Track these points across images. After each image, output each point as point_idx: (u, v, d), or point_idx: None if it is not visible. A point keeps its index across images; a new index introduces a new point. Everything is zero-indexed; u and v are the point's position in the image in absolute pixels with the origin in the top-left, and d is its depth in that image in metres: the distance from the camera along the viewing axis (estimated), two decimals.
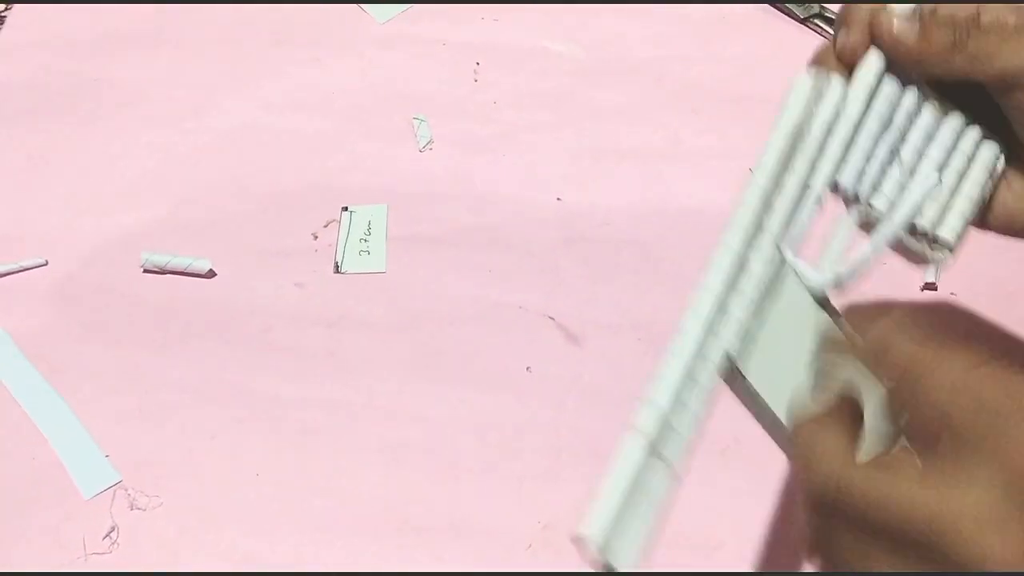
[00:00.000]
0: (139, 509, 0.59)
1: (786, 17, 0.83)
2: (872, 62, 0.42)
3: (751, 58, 0.81)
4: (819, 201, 0.42)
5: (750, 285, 0.40)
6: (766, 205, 0.41)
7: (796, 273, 0.41)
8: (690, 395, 0.38)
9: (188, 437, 0.62)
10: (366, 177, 0.74)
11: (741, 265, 0.40)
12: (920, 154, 0.44)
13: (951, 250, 0.44)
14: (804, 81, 0.42)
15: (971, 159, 0.44)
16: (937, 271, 0.67)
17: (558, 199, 0.73)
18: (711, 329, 0.38)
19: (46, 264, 0.69)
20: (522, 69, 0.80)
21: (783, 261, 0.41)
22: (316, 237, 0.71)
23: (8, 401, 0.63)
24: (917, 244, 0.44)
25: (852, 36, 0.43)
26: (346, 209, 0.72)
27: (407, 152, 0.75)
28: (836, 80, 0.42)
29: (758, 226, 0.40)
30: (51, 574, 0.57)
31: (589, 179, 0.74)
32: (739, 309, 0.39)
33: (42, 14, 0.84)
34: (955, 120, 0.44)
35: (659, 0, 0.85)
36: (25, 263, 0.69)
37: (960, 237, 0.44)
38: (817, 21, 0.82)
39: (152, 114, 0.78)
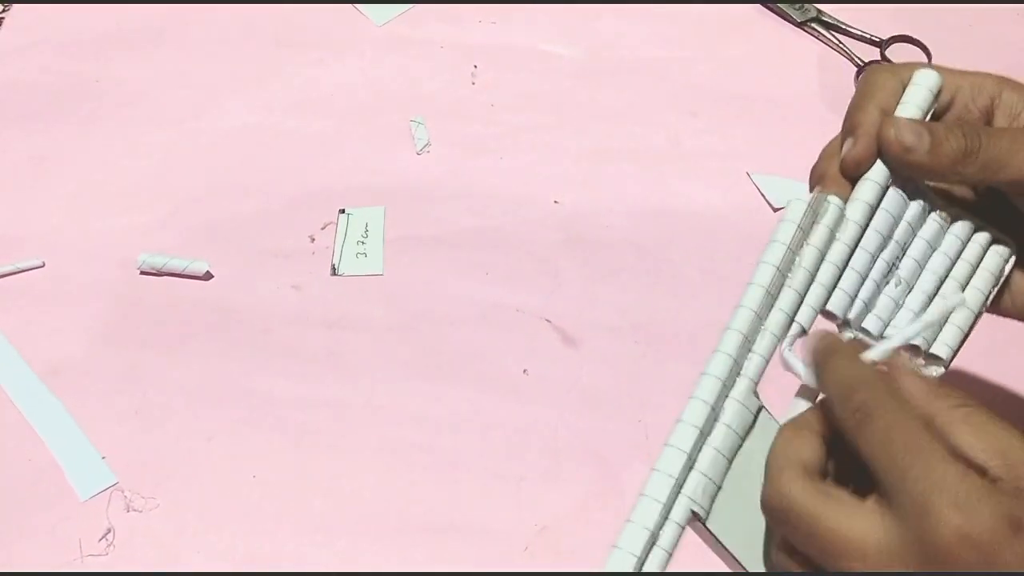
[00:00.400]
0: (135, 511, 0.59)
1: (784, 21, 0.83)
2: (875, 177, 0.41)
3: (750, 60, 0.81)
4: (804, 334, 0.40)
5: (720, 437, 0.38)
6: (745, 349, 0.39)
7: (771, 414, 0.39)
8: (651, 561, 0.36)
9: (185, 439, 0.62)
10: (364, 179, 0.74)
11: (714, 416, 0.38)
12: (921, 267, 0.42)
13: (945, 367, 0.42)
14: (797, 207, 0.40)
15: (976, 267, 0.43)
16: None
17: (556, 201, 0.73)
18: (678, 489, 0.37)
19: (43, 266, 0.69)
20: (520, 71, 0.80)
21: (760, 406, 0.39)
22: (313, 239, 0.71)
23: (5, 402, 0.63)
24: (909, 361, 0.42)
25: (858, 147, 0.41)
26: (343, 211, 0.72)
27: (405, 154, 0.75)
28: (834, 201, 0.40)
29: (736, 372, 0.38)
30: (48, 574, 0.56)
31: (587, 181, 0.74)
32: (707, 463, 0.37)
33: (42, 14, 0.84)
34: (961, 226, 0.43)
35: (658, 1, 0.85)
36: (22, 264, 0.69)
37: (956, 352, 0.42)
38: (814, 25, 0.82)
39: (151, 115, 0.78)
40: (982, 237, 0.43)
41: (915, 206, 0.42)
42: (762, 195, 0.72)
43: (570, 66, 0.81)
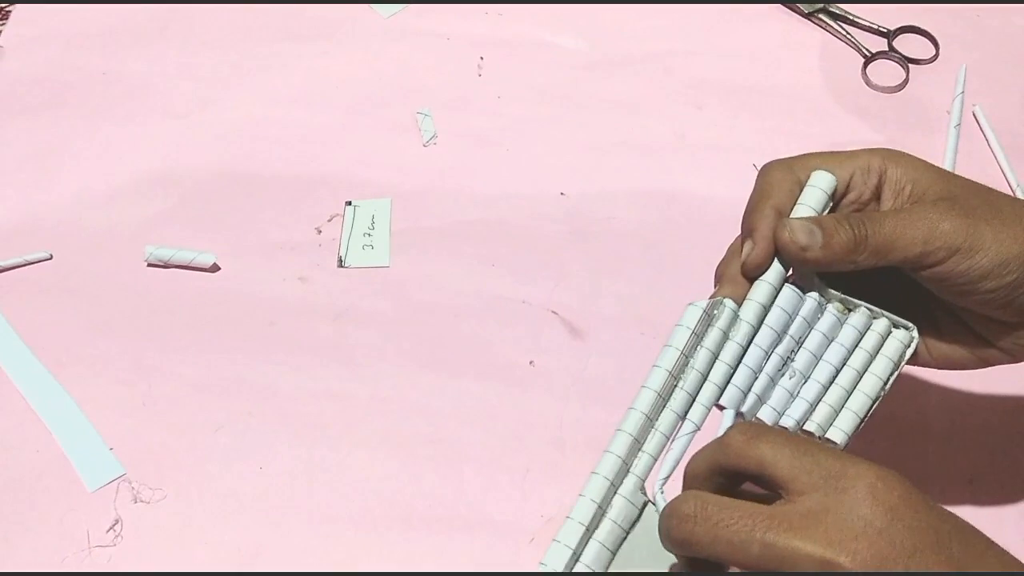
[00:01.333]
0: (143, 502, 0.59)
1: (791, 12, 0.83)
2: (770, 279, 0.44)
3: (756, 52, 0.81)
4: (697, 430, 0.43)
5: (605, 531, 0.41)
6: (635, 449, 0.42)
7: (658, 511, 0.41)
8: None
9: (192, 430, 0.62)
10: (370, 171, 0.74)
11: (601, 511, 0.41)
12: (817, 358, 0.45)
13: (842, 448, 0.44)
14: (693, 313, 0.43)
15: (874, 355, 0.45)
16: None
17: (562, 193, 0.72)
18: None
19: (51, 258, 0.69)
20: (526, 63, 0.80)
21: (646, 501, 0.42)
22: (320, 231, 0.71)
23: (13, 394, 0.63)
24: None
25: (757, 251, 0.44)
26: (350, 203, 0.72)
27: (411, 146, 0.75)
28: (728, 305, 0.43)
29: (624, 471, 0.41)
30: (54, 574, 0.57)
31: (593, 173, 0.74)
32: (592, 556, 0.40)
33: (48, 7, 0.84)
34: (859, 317, 0.45)
35: None
36: (30, 257, 0.69)
37: (851, 437, 0.44)
38: (822, 16, 0.82)
39: (157, 108, 0.78)
40: (881, 325, 0.45)
41: (810, 301, 0.45)
42: None
43: (576, 58, 0.81)
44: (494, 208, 0.72)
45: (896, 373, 0.45)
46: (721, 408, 0.43)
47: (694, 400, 0.43)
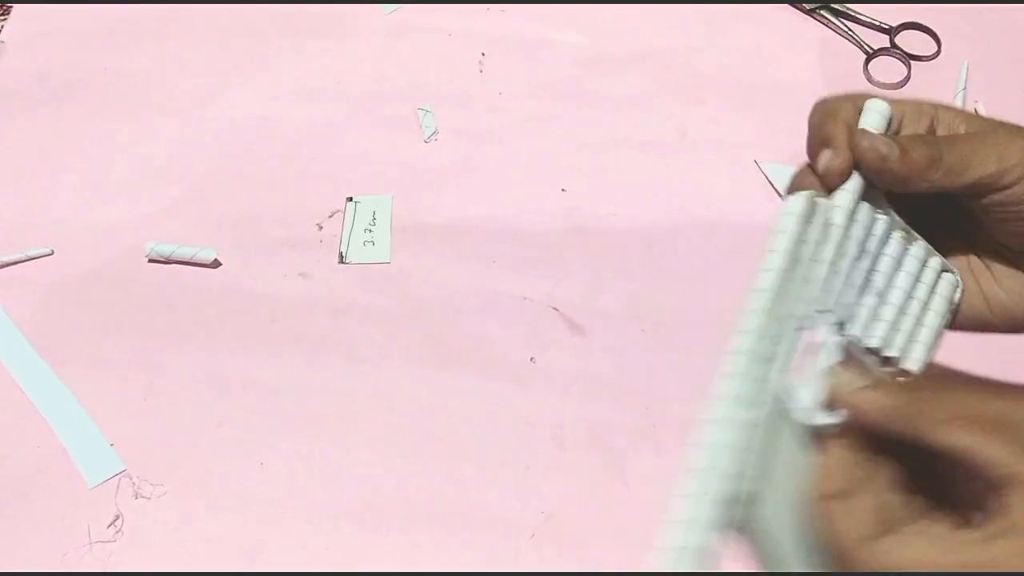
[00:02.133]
0: (143, 498, 0.59)
1: (793, 8, 0.83)
2: (851, 188, 0.42)
3: (758, 48, 0.81)
4: (807, 334, 0.41)
5: (755, 438, 0.38)
6: (761, 343, 0.39)
7: (793, 412, 0.39)
8: (698, 560, 0.36)
9: (193, 426, 0.62)
10: (371, 167, 0.74)
11: (749, 423, 0.38)
12: (890, 282, 0.44)
13: None
14: (796, 203, 0.41)
15: (932, 290, 0.45)
16: None
17: (563, 190, 0.72)
18: (723, 496, 0.37)
19: (52, 254, 0.69)
20: (528, 59, 0.80)
21: (782, 406, 0.40)
22: (321, 227, 0.71)
23: (14, 390, 0.63)
24: (884, 373, 0.43)
25: (839, 159, 0.42)
26: (351, 199, 0.72)
27: (412, 142, 0.75)
28: (823, 204, 0.42)
29: (756, 374, 0.39)
30: (55, 574, 0.57)
31: (594, 170, 0.73)
32: (748, 467, 0.38)
33: (50, 5, 0.84)
34: (918, 249, 0.45)
35: None
36: (31, 252, 0.69)
37: (923, 368, 0.43)
38: (824, 13, 0.82)
39: (158, 105, 0.78)
40: (935, 263, 0.45)
41: (880, 223, 0.44)
42: (770, 183, 0.72)
43: (577, 55, 0.81)
44: (495, 205, 0.72)
45: (948, 316, 0.45)
46: (824, 314, 0.42)
47: (803, 301, 0.41)
